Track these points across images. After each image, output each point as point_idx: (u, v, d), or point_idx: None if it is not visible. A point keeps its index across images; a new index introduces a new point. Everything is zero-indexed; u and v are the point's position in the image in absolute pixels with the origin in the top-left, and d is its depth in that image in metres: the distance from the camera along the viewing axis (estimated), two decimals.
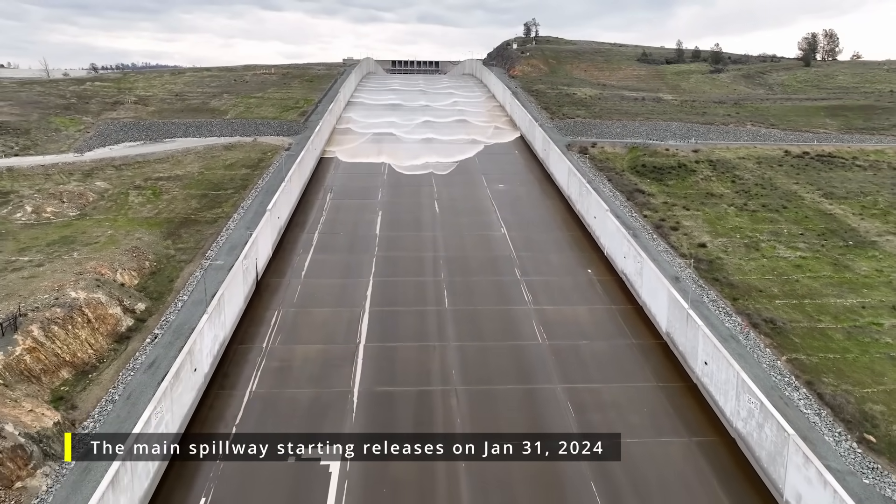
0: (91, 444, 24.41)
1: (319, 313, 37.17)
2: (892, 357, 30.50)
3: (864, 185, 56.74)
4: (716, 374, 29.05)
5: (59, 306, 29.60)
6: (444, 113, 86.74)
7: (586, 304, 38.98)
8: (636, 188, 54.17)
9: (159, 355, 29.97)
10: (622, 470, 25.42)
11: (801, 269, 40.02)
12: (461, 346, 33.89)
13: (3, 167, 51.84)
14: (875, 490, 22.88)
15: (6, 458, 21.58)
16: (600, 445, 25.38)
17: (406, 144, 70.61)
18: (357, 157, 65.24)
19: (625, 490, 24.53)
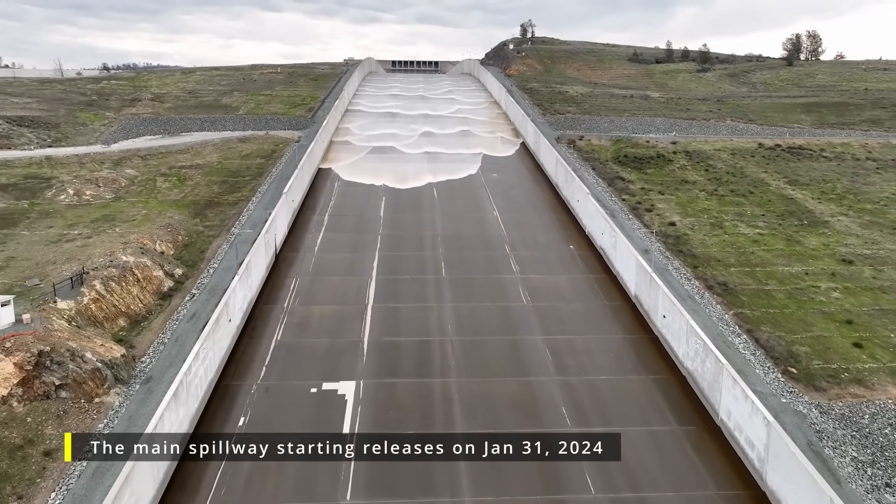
0: (151, 373, 29.87)
1: (332, 280, 42.35)
2: (822, 312, 35.71)
3: (826, 173, 61.97)
4: (671, 325, 34.27)
5: (114, 267, 34.80)
6: (441, 108, 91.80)
7: (567, 274, 44.17)
8: (617, 176, 59.37)
9: (198, 309, 35.16)
10: (589, 397, 30.66)
11: (758, 244, 45.23)
12: (456, 307, 39.07)
13: (43, 156, 57.07)
14: (790, 407, 28.10)
15: (88, 378, 26.77)
16: (573, 381, 30.89)
17: (407, 139, 75.67)
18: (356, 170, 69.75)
19: (590, 410, 29.72)
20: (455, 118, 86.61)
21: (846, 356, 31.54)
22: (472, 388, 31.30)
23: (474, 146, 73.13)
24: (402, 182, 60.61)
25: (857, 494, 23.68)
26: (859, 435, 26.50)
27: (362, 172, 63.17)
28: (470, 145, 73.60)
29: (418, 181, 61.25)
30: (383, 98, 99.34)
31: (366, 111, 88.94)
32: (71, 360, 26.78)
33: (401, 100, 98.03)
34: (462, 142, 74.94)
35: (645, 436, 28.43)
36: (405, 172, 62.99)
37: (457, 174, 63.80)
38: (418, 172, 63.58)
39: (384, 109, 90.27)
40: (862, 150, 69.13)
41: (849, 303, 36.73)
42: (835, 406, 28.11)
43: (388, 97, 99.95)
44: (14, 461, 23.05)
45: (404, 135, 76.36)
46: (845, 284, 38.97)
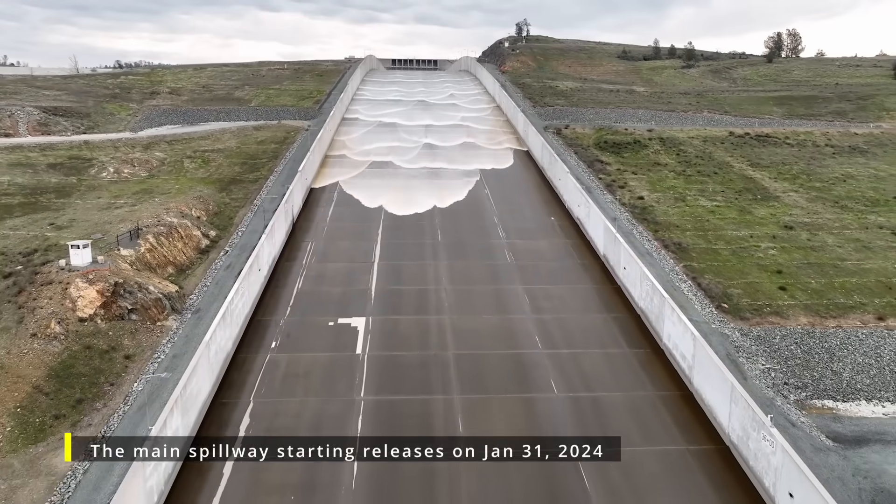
0: (199, 306, 36.47)
1: (343, 244, 48.95)
2: (758, 265, 42.32)
3: (786, 157, 68.61)
4: (630, 274, 40.87)
5: (161, 226, 41.41)
6: (440, 102, 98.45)
7: (547, 239, 50.81)
8: (597, 159, 66.01)
9: (232, 261, 41.78)
10: (558, 329, 37.22)
11: (714, 214, 51.86)
12: (450, 264, 45.69)
13: (81, 141, 63.67)
14: (717, 331, 34.75)
15: (151, 306, 33.38)
16: (546, 318, 37.58)
17: (407, 129, 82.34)
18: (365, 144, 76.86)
19: (558, 338, 36.28)
20: (451, 111, 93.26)
21: (771, 296, 38.17)
22: (461, 323, 37.90)
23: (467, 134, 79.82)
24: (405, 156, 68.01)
25: (760, 390, 30.25)
26: (769, 349, 33.14)
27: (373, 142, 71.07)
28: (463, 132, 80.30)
29: (415, 164, 67.89)
30: (386, 85, 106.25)
31: (371, 99, 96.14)
32: (139, 290, 33.39)
33: (401, 92, 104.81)
34: (458, 132, 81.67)
35: (601, 356, 35.02)
36: (407, 148, 70.76)
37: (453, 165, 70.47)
38: (418, 157, 70.25)
39: (388, 98, 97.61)
40: (822, 138, 75.74)
41: (782, 258, 43.35)
42: (753, 330, 34.75)
43: (390, 91, 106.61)
44: (104, 361, 29.66)
45: (405, 123, 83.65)
46: (782, 245, 45.60)
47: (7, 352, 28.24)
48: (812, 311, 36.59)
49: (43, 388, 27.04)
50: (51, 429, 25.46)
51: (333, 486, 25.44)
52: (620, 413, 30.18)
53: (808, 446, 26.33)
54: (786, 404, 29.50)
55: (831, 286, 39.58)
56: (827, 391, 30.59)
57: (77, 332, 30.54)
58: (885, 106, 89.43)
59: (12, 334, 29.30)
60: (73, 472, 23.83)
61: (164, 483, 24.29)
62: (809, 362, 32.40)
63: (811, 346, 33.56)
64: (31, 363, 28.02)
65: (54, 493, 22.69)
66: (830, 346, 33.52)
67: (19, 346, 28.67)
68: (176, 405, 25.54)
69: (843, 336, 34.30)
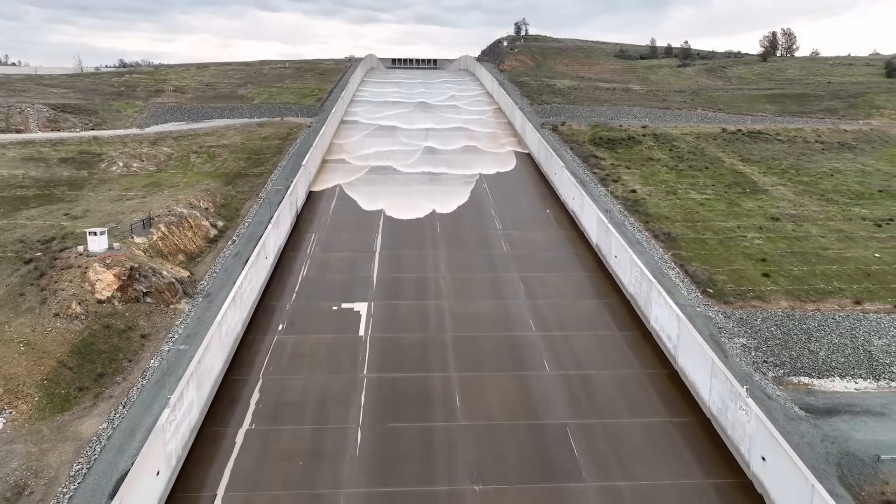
0: (209, 291, 38.28)
1: (345, 235, 50.76)
2: (744, 253, 44.17)
3: (776, 153, 70.45)
4: (620, 262, 42.71)
5: (172, 216, 43.25)
6: (439, 100, 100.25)
7: (542, 231, 52.64)
8: (591, 154, 67.84)
9: (240, 250, 43.62)
10: (551, 314, 39.05)
11: (703, 206, 53.71)
12: (448, 254, 47.51)
13: (90, 136, 65.50)
14: (702, 313, 36.60)
15: (165, 289, 35.22)
16: (539, 304, 39.40)
17: (408, 131, 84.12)
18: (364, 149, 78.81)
19: (551, 322, 38.10)
20: (450, 107, 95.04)
21: (754, 282, 40.02)
22: (459, 308, 39.73)
23: (464, 128, 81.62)
24: (405, 160, 69.07)
25: (740, 367, 32.08)
26: (751, 331, 34.99)
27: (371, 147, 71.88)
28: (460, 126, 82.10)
29: (413, 157, 69.69)
30: (386, 86, 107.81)
31: (371, 101, 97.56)
32: (153, 275, 35.23)
33: (402, 90, 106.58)
34: (456, 129, 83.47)
35: (592, 338, 36.87)
36: (409, 137, 72.52)
37: (452, 157, 72.28)
38: (417, 150, 72.08)
39: (387, 99, 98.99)
40: (813, 135, 77.60)
41: (767, 247, 45.19)
42: (736, 313, 36.61)
43: (390, 91, 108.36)
44: (122, 339, 31.50)
45: (405, 112, 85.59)
46: (768, 235, 47.45)
47: (32, 330, 30.08)
48: (793, 296, 38.44)
49: (67, 362, 28.88)
50: (75, 399, 27.30)
51: (339, 453, 27.24)
52: (608, 389, 32.03)
53: (782, 416, 28.17)
54: (763, 380, 31.35)
55: (813, 273, 41.42)
56: (803, 369, 32.42)
57: (96, 312, 32.38)
58: (875, 103, 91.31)
59: (36, 314, 31.13)
60: (98, 437, 25.68)
61: (182, 449, 26.13)
62: (788, 342, 34.24)
63: (790, 327, 35.40)
64: (54, 340, 29.86)
65: (81, 456, 24.53)
66: (809, 328, 35.36)
67: (43, 325, 30.50)
68: (191, 378, 27.35)
69: (820, 318, 36.15)
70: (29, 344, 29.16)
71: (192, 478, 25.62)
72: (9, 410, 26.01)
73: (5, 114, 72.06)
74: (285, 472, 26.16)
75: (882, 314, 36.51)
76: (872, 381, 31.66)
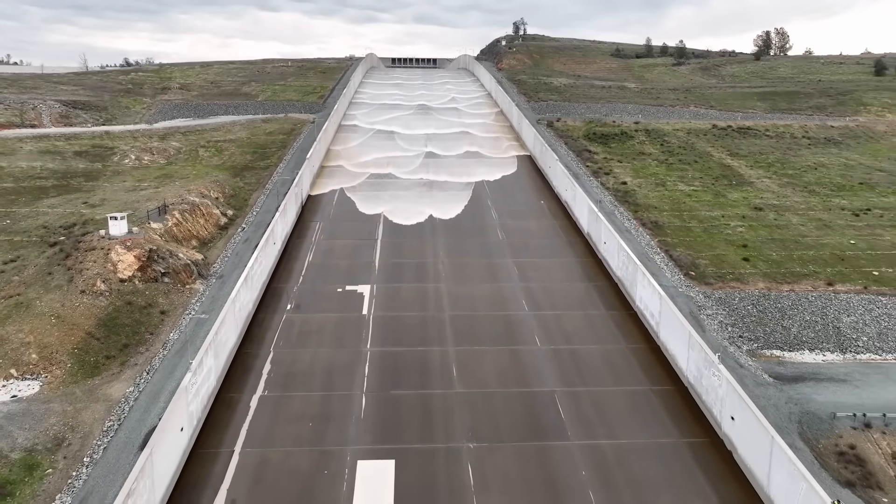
0: (222, 273, 40.74)
1: (349, 224, 53.25)
2: (726, 240, 46.64)
3: (763, 148, 72.94)
4: (609, 248, 45.20)
5: (185, 204, 45.73)
6: (439, 98, 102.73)
7: (536, 220, 55.12)
8: (585, 149, 70.32)
9: (249, 236, 46.10)
10: (543, 295, 41.52)
11: (690, 197, 56.19)
12: (446, 241, 50.01)
13: (102, 131, 67.98)
14: (683, 293, 39.07)
15: (181, 270, 37.69)
16: (532, 286, 41.88)
17: (408, 132, 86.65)
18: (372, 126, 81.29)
19: (542, 302, 40.57)
20: (448, 107, 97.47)
21: (734, 266, 42.50)
22: (456, 290, 42.20)
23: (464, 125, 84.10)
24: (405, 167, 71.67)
25: (717, 341, 34.54)
26: (728, 309, 37.47)
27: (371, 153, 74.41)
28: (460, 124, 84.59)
29: (415, 147, 72.24)
30: (386, 88, 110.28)
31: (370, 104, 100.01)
32: (170, 256, 37.72)
33: (401, 88, 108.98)
34: (454, 118, 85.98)
35: (581, 316, 39.35)
36: (408, 158, 74.27)
37: (450, 152, 74.83)
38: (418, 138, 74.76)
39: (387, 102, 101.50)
40: (800, 131, 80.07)
41: (749, 235, 47.66)
42: (716, 293, 39.09)
43: (390, 90, 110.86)
44: (143, 314, 33.98)
45: (405, 104, 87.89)
46: (750, 223, 49.92)
47: (62, 305, 32.53)
48: (770, 278, 40.92)
49: (94, 334, 31.34)
50: (104, 366, 29.78)
51: (345, 416, 29.70)
52: (595, 361, 34.52)
53: (752, 382, 30.65)
54: (738, 352, 33.82)
55: (790, 258, 43.90)
56: (776, 343, 34.90)
57: (119, 290, 34.86)
58: (862, 101, 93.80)
59: (64, 291, 33.59)
60: (126, 398, 28.16)
61: (201, 411, 28.60)
62: (763, 319, 36.71)
63: (766, 306, 37.87)
64: (82, 314, 32.32)
65: (112, 414, 27.00)
66: (783, 307, 37.82)
67: (71, 301, 32.96)
68: (210, 347, 29.80)
69: (794, 298, 38.61)
70: (59, 317, 31.62)
71: (211, 436, 28.09)
72: (45, 375, 28.49)
73: (20, 110, 74.59)
74: (296, 432, 28.62)
75: (852, 294, 38.98)
76: (839, 354, 34.14)
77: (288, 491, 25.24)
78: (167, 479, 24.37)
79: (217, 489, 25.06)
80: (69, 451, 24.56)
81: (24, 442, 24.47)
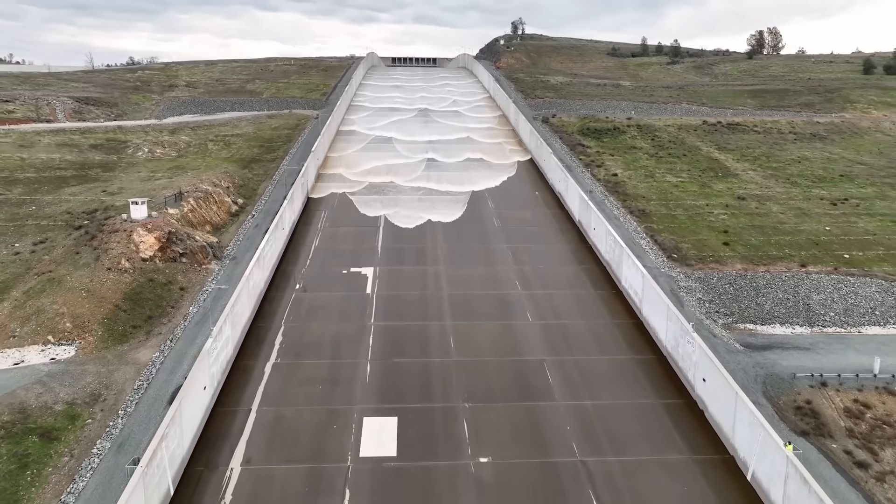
0: (235, 255, 43.56)
1: (353, 212, 56.08)
2: (709, 227, 49.47)
3: (751, 142, 75.77)
4: (598, 233, 48.02)
5: (199, 192, 48.56)
6: (438, 97, 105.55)
7: (530, 210, 57.97)
8: (579, 143, 73.16)
9: (259, 222, 48.93)
10: (535, 277, 44.35)
11: (677, 188, 59.02)
12: (445, 228, 52.84)
13: (114, 126, 70.82)
14: (665, 273, 41.94)
15: (198, 251, 40.51)
16: (525, 269, 44.73)
17: (408, 135, 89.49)
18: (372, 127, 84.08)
19: (534, 283, 43.41)
20: (448, 103, 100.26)
21: (715, 249, 45.33)
22: (454, 272, 45.02)
23: (462, 122, 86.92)
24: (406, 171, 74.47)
25: (694, 315, 37.38)
26: (706, 287, 40.30)
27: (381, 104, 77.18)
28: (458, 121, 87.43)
29: (417, 141, 75.06)
30: (386, 91, 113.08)
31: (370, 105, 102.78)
32: (187, 238, 40.55)
33: (402, 87, 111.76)
34: (454, 117, 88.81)
35: (570, 295, 42.17)
36: (410, 164, 76.88)
37: (450, 155, 77.66)
38: (418, 131, 77.52)
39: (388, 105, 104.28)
40: (787, 126, 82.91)
41: (730, 222, 50.50)
42: (696, 273, 41.94)
43: (390, 89, 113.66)
44: (164, 290, 36.81)
45: (407, 98, 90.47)
46: (733, 212, 52.76)
47: (91, 280, 35.34)
48: (747, 260, 43.75)
49: (121, 306, 34.17)
50: (131, 334, 32.61)
51: (351, 380, 32.51)
52: (582, 334, 37.34)
53: (724, 350, 33.49)
54: (713, 326, 36.66)
55: (768, 242, 46.72)
56: (749, 317, 37.72)
57: (141, 268, 37.69)
58: (849, 98, 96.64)
59: (92, 268, 36.41)
60: (153, 362, 30.99)
61: (221, 374, 31.41)
62: (738, 297, 39.55)
63: (742, 285, 40.71)
64: (110, 289, 35.14)
65: (141, 375, 29.83)
66: (758, 286, 40.66)
67: (99, 277, 35.77)
68: (228, 318, 32.61)
69: (769, 278, 41.45)
70: (89, 291, 34.44)
71: (230, 396, 30.91)
72: (78, 341, 31.31)
73: (35, 105, 77.44)
74: (307, 394, 31.44)
75: (823, 275, 41.81)
76: (807, 328, 36.97)
77: (301, 441, 28.06)
78: (193, 429, 27.18)
79: (238, 439, 27.89)
80: (105, 405, 27.38)
81: (65, 396, 27.29)
